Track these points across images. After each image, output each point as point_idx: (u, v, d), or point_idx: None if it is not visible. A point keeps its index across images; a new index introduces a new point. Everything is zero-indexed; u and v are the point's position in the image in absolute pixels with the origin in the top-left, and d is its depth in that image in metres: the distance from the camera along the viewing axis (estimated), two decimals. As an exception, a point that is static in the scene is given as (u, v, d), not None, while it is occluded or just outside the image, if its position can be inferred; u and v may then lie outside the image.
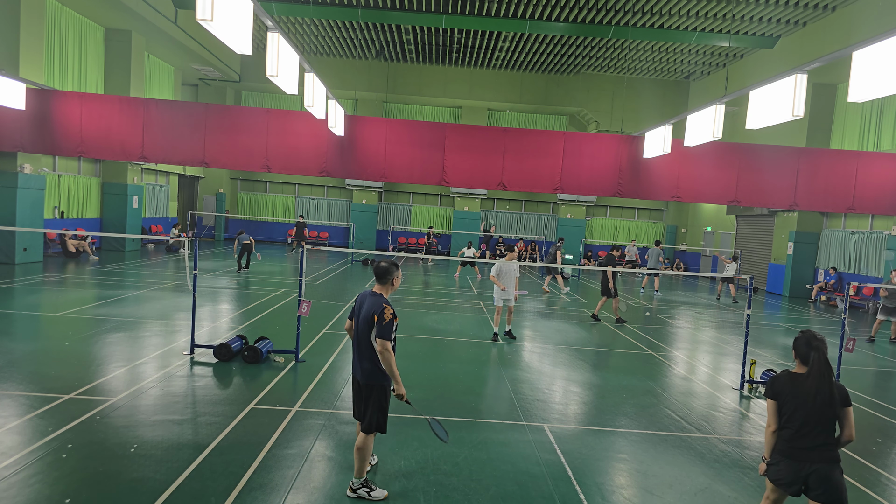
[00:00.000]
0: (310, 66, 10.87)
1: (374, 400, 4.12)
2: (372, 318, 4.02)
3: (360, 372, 4.15)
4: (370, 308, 4.06)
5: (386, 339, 3.97)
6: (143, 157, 14.45)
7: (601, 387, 7.43)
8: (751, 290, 7.62)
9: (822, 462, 3.24)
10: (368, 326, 4.05)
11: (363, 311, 4.12)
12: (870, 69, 6.47)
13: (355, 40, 23.53)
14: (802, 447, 3.28)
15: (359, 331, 4.13)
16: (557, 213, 29.28)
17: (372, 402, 4.12)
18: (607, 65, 24.77)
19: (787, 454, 3.32)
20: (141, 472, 4.30)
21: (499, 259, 9.81)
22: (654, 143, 13.65)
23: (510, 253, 9.94)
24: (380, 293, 4.19)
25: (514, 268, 9.70)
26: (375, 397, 4.12)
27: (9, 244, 14.60)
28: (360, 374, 4.16)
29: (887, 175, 14.93)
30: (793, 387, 3.34)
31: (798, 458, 3.28)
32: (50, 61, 16.45)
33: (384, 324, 3.96)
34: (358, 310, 4.19)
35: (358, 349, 4.16)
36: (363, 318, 4.09)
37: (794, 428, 3.30)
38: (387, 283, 4.24)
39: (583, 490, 4.51)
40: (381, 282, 4.25)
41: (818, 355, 3.30)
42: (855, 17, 15.66)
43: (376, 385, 4.13)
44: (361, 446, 4.12)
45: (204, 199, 27.94)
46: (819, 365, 3.29)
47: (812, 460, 3.25)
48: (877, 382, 8.77)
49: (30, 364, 6.71)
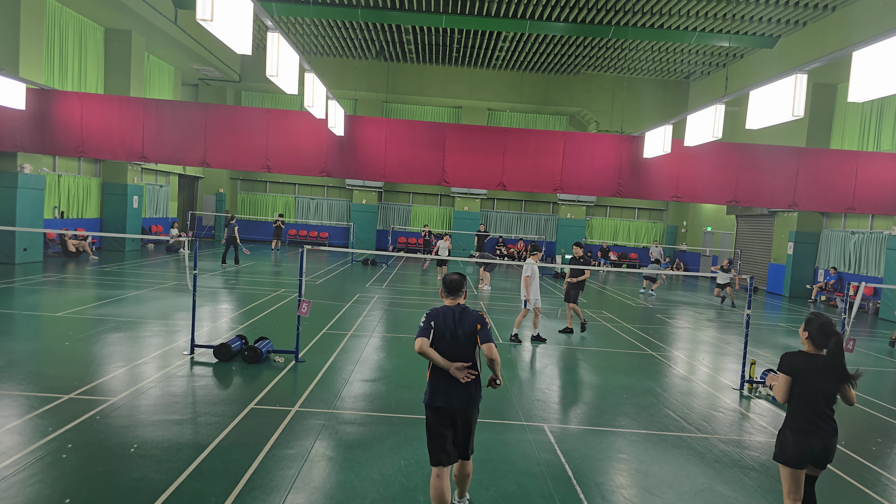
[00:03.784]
0: (310, 66, 10.87)
1: (475, 422, 3.89)
2: (475, 328, 3.74)
3: (464, 399, 3.74)
4: (471, 321, 3.76)
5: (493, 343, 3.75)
6: (143, 157, 14.45)
7: (601, 387, 7.43)
8: (751, 290, 7.62)
9: (832, 435, 3.52)
10: (472, 340, 3.74)
11: (462, 327, 3.74)
12: (870, 69, 6.47)
13: (355, 40, 23.54)
14: (816, 423, 3.51)
15: (464, 349, 3.74)
16: (557, 213, 29.29)
17: (474, 426, 3.87)
18: (607, 65, 24.77)
19: (799, 430, 3.53)
20: (141, 472, 4.29)
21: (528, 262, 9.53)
22: (654, 143, 13.66)
23: (537, 253, 9.80)
24: (465, 305, 3.91)
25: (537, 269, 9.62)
26: (476, 420, 3.89)
27: (9, 244, 14.60)
28: (463, 403, 3.74)
29: (887, 175, 14.93)
30: (809, 366, 3.55)
31: (813, 433, 3.51)
32: (50, 61, 16.45)
33: (489, 328, 3.79)
34: (451, 329, 3.74)
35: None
36: (466, 333, 3.73)
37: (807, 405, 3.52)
38: (461, 296, 3.95)
39: (583, 490, 4.51)
40: (456, 295, 3.91)
41: (837, 339, 3.50)
42: (855, 17, 15.66)
43: (478, 409, 3.89)
44: (470, 472, 3.96)
45: (204, 199, 27.94)
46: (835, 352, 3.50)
47: (825, 435, 3.51)
48: (877, 382, 8.77)
49: (30, 364, 6.71)
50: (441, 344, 3.73)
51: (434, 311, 3.83)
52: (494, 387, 3.82)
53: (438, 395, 3.74)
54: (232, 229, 16.95)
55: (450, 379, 3.71)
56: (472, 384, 3.76)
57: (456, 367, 3.67)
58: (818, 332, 3.55)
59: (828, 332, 3.51)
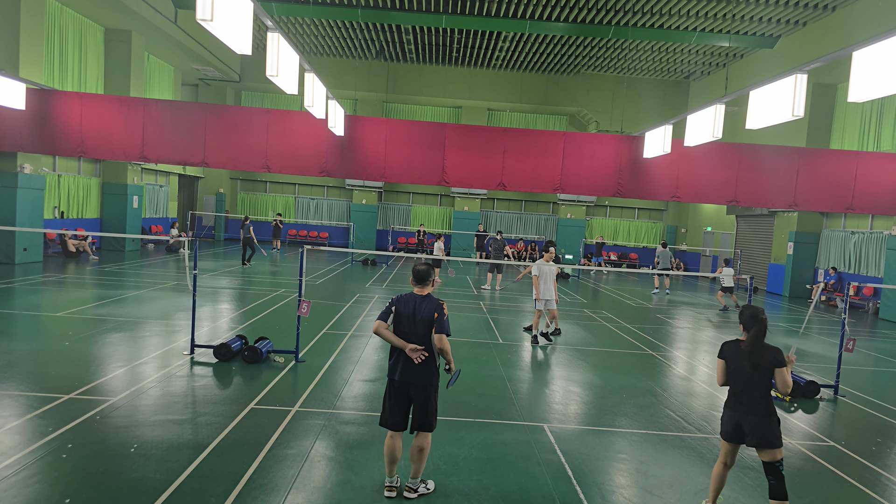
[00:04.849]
0: (310, 66, 10.87)
1: (432, 401, 4.19)
2: (432, 316, 4.10)
3: (417, 376, 4.12)
4: (429, 308, 4.12)
5: (445, 334, 4.10)
6: (143, 157, 14.45)
7: (601, 387, 7.43)
8: (751, 290, 7.62)
9: (755, 414, 3.88)
10: (428, 326, 4.10)
11: (420, 313, 4.12)
12: (870, 69, 6.47)
13: (355, 40, 23.53)
14: (741, 402, 3.95)
15: (419, 333, 4.12)
16: (557, 213, 29.29)
17: (430, 403, 4.17)
18: (607, 65, 24.77)
19: (728, 406, 4.05)
20: (141, 472, 4.29)
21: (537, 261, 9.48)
22: (654, 143, 13.65)
23: (546, 254, 9.62)
24: (428, 294, 4.26)
25: (552, 269, 9.41)
26: (433, 398, 4.19)
27: (9, 244, 14.60)
28: (416, 378, 4.13)
29: (887, 175, 14.93)
30: (736, 351, 4.01)
31: (736, 409, 3.98)
32: (50, 61, 16.45)
33: (445, 319, 4.12)
34: (410, 314, 4.14)
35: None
36: (422, 319, 4.11)
37: (735, 386, 4.01)
38: (428, 284, 4.29)
39: (583, 490, 4.51)
40: (423, 284, 4.27)
41: (759, 328, 3.91)
42: (855, 17, 15.66)
43: (432, 386, 4.18)
44: (424, 446, 4.19)
45: (204, 199, 27.95)
46: (753, 335, 3.91)
47: (747, 413, 3.91)
48: (877, 382, 8.77)
49: (30, 364, 6.71)
50: (402, 326, 4.17)
51: (399, 296, 4.27)
52: (448, 371, 4.23)
53: (397, 369, 4.17)
54: (248, 230, 17.27)
55: (408, 357, 4.10)
56: (430, 364, 4.14)
57: (411, 348, 4.06)
58: (749, 319, 3.98)
59: (756, 319, 3.93)
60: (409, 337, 4.13)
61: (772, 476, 3.87)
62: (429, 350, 4.12)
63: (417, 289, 4.26)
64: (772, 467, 3.86)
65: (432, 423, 4.20)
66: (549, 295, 9.50)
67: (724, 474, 4.17)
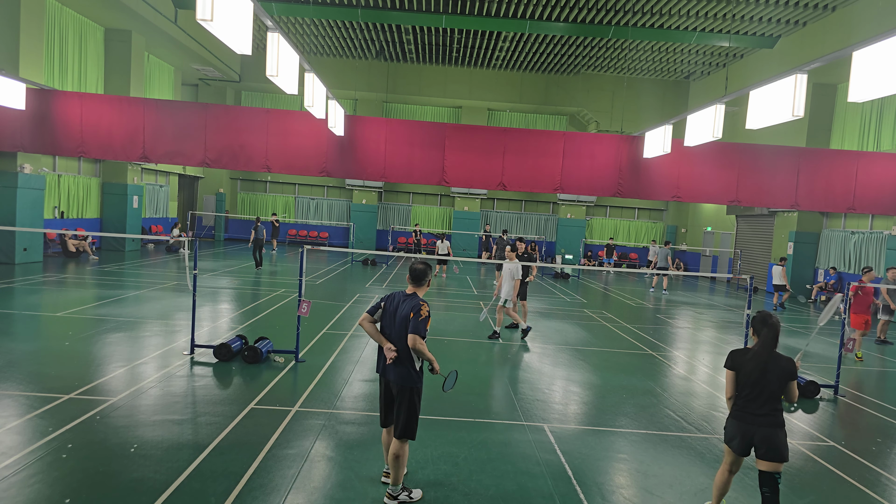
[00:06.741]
0: (310, 66, 10.86)
1: (409, 404, 4.05)
2: (408, 315, 4.00)
3: (394, 374, 4.07)
4: (408, 307, 4.04)
5: (418, 335, 3.95)
6: (144, 157, 14.44)
7: (601, 387, 7.43)
8: (751, 290, 7.62)
9: (766, 426, 3.72)
10: (404, 325, 4.02)
11: (400, 311, 4.07)
12: (870, 69, 6.46)
13: (355, 40, 23.53)
14: (750, 412, 3.77)
15: (396, 331, 4.07)
16: (557, 213, 29.29)
17: (406, 407, 4.04)
18: (607, 65, 24.77)
19: (736, 417, 3.84)
20: (141, 472, 4.29)
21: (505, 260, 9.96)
22: (654, 143, 13.65)
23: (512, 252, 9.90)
24: (414, 293, 4.19)
25: (516, 266, 9.69)
26: (409, 401, 4.05)
27: (9, 244, 14.60)
28: (393, 377, 4.08)
29: (887, 175, 14.93)
30: (745, 360, 3.84)
31: (745, 420, 3.79)
32: (50, 61, 16.45)
33: (420, 319, 3.97)
34: (392, 311, 4.12)
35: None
36: (401, 317, 4.05)
37: (744, 395, 3.81)
38: (423, 284, 4.23)
39: (583, 490, 4.51)
40: (418, 283, 4.21)
41: (770, 332, 3.79)
42: (855, 17, 15.65)
43: (410, 388, 4.06)
44: (399, 453, 4.02)
45: (204, 199, 27.95)
46: (765, 341, 3.79)
47: (758, 424, 3.74)
48: (877, 382, 8.77)
49: (30, 364, 6.71)
50: (385, 322, 4.20)
51: (391, 294, 4.29)
52: (432, 372, 4.13)
53: (379, 363, 4.24)
54: (260, 231, 17.35)
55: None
56: (406, 364, 4.06)
57: (387, 347, 4.07)
58: (760, 323, 3.86)
59: (767, 324, 3.82)
60: (388, 334, 4.14)
61: (767, 488, 3.75)
62: (404, 350, 4.04)
63: (410, 287, 4.23)
64: (770, 478, 3.74)
65: (411, 428, 4.04)
66: (507, 294, 9.68)
67: (728, 481, 4.06)
